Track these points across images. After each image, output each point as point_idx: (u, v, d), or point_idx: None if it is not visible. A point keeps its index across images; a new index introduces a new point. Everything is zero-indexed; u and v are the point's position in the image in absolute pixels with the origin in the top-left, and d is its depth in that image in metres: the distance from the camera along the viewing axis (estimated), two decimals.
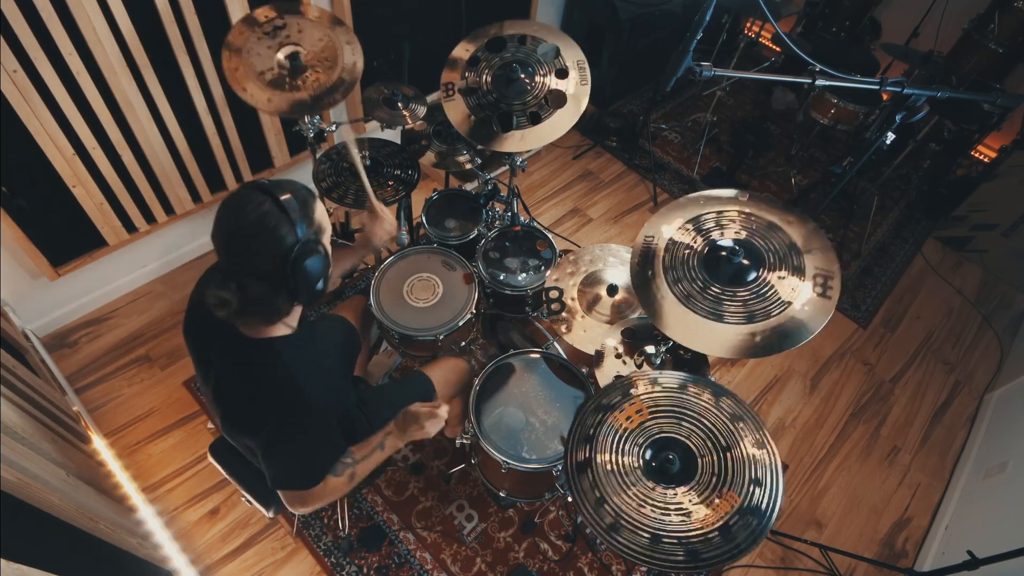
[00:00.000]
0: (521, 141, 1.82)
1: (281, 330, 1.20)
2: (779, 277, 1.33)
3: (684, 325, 1.32)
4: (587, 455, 1.23)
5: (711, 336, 1.30)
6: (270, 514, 1.60)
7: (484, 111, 1.85)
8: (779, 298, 1.31)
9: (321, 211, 1.16)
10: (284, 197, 1.08)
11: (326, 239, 1.18)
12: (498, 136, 1.83)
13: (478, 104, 1.86)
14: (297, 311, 1.23)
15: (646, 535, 1.12)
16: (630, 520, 1.14)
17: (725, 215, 1.44)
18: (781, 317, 1.29)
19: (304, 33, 1.88)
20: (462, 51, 1.91)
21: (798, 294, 1.31)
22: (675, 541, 1.11)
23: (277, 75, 1.81)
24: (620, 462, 1.22)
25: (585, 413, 1.29)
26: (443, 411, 1.38)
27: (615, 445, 1.24)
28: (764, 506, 1.14)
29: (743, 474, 1.18)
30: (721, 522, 1.13)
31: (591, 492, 1.18)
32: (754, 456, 1.19)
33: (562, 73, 1.86)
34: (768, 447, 1.20)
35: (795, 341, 1.25)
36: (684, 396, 1.29)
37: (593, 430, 1.26)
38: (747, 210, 1.44)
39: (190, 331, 1.31)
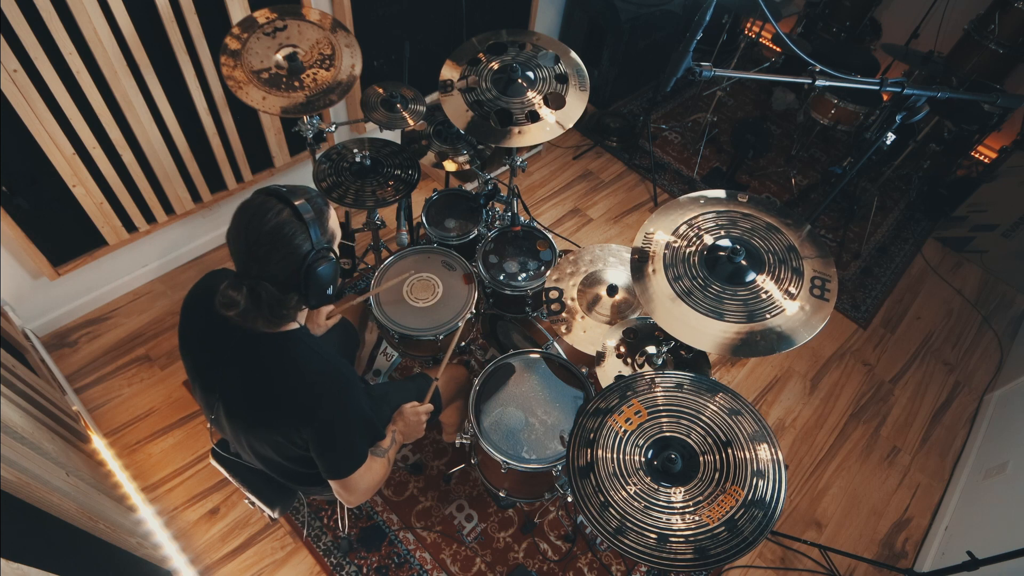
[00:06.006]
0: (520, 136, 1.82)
1: (292, 326, 1.23)
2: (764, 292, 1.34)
3: (677, 317, 1.33)
4: (589, 460, 1.23)
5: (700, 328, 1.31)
6: (275, 515, 1.60)
7: (483, 108, 1.85)
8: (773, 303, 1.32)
9: (334, 219, 1.19)
10: (299, 203, 1.09)
11: (335, 246, 1.21)
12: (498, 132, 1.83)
13: (476, 101, 1.86)
14: (304, 313, 1.26)
15: (653, 535, 1.12)
16: (635, 521, 1.14)
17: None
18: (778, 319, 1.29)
19: (304, 35, 1.89)
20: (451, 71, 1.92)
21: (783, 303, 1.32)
22: (682, 540, 1.11)
23: (274, 74, 1.82)
24: (622, 464, 1.22)
25: (585, 416, 1.29)
26: (424, 408, 1.53)
27: (616, 447, 1.24)
28: (768, 498, 1.15)
29: (744, 468, 1.18)
30: (727, 517, 1.13)
31: (595, 496, 1.18)
32: (755, 451, 1.19)
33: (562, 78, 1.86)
34: (769, 441, 1.20)
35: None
36: (682, 395, 1.29)
37: (594, 434, 1.26)
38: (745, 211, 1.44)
39: (191, 333, 1.30)
